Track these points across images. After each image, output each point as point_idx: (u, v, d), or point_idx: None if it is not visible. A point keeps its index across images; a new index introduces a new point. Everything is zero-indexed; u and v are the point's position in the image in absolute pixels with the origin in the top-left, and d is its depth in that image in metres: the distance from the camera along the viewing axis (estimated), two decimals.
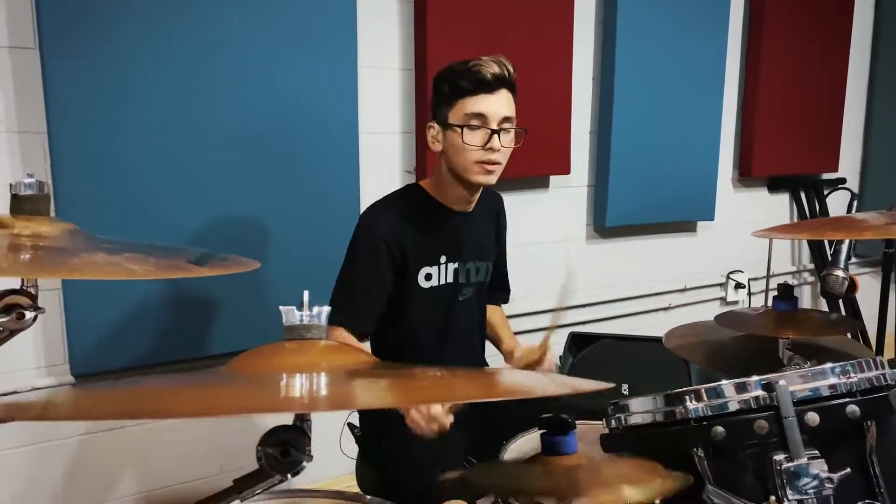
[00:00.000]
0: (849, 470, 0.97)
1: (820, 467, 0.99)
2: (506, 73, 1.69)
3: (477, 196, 1.86)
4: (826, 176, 3.87)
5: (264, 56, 2.22)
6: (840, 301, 3.56)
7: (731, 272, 3.54)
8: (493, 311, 2.11)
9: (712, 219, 3.36)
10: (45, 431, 2.13)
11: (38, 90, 1.96)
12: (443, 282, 1.82)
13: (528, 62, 2.70)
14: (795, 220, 3.72)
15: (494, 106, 1.68)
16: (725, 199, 3.46)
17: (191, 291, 2.20)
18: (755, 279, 3.50)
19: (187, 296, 2.20)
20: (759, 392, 1.06)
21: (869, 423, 1.06)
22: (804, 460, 1.00)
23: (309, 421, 0.84)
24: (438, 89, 1.74)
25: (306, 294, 0.87)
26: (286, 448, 0.80)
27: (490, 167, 1.72)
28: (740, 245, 3.47)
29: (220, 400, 0.60)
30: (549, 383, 0.82)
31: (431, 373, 0.71)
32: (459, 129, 1.69)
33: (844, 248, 1.84)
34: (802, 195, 3.74)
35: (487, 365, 2.11)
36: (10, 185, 0.94)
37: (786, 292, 1.61)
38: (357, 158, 2.45)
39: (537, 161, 2.83)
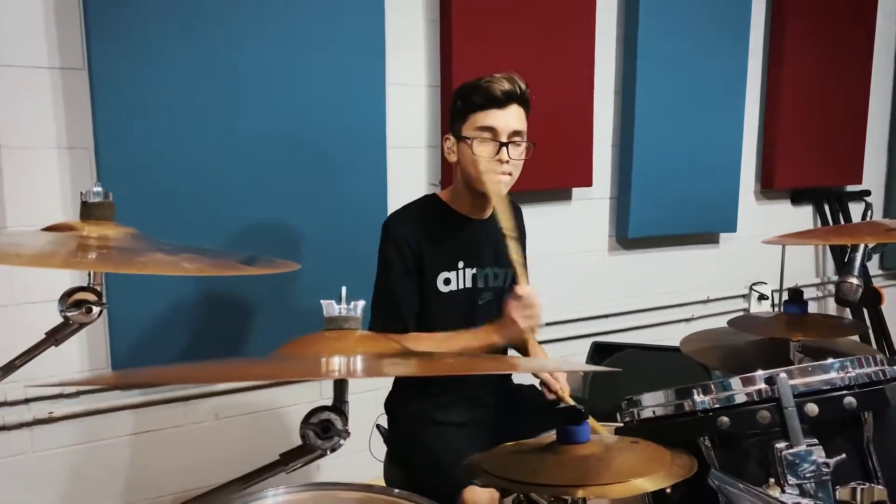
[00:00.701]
0: (844, 455, 1.06)
1: (818, 454, 1.08)
2: (517, 89, 1.80)
3: (489, 207, 1.95)
4: (850, 188, 3.92)
5: (299, 75, 2.36)
6: (866, 313, 3.61)
7: (755, 284, 3.60)
8: None
9: (735, 230, 3.43)
10: (90, 432, 2.26)
11: (86, 108, 2.11)
12: (461, 286, 1.92)
13: (550, 77, 2.83)
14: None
15: (504, 120, 1.79)
16: (748, 212, 3.53)
17: (228, 298, 2.33)
18: (777, 290, 3.55)
19: (225, 302, 2.33)
20: (763, 385, 1.16)
21: (866, 414, 1.15)
22: (803, 447, 1.08)
23: (346, 402, 0.94)
24: (454, 104, 1.87)
25: (344, 289, 0.98)
26: (326, 425, 0.91)
27: (499, 177, 1.82)
28: (764, 257, 3.53)
29: (274, 369, 0.71)
30: (554, 363, 0.92)
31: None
32: (470, 141, 1.80)
33: (858, 255, 1.91)
34: (826, 207, 3.79)
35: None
36: (81, 193, 1.07)
37: (795, 296, 1.69)
38: (385, 171, 2.57)
39: (560, 173, 2.94)
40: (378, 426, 2.10)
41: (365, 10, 2.46)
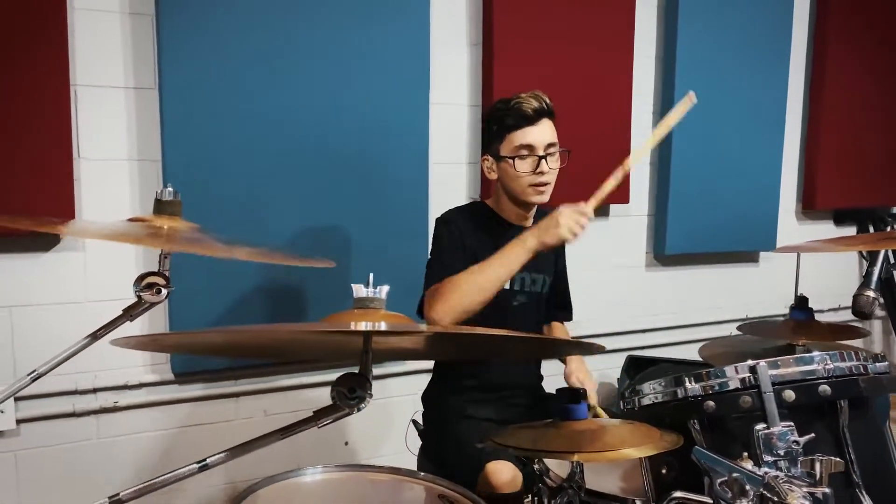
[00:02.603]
0: (813, 435, 1.20)
1: (792, 435, 1.22)
2: (544, 105, 2.01)
3: (533, 212, 2.15)
4: None
5: (351, 95, 2.60)
6: None
7: None
8: (556, 328, 2.37)
9: (774, 249, 3.52)
10: (149, 422, 2.51)
11: (155, 124, 2.38)
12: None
13: (589, 96, 3.01)
14: (864, 253, 3.81)
15: (538, 135, 2.01)
16: (789, 231, 3.63)
17: (280, 295, 2.55)
18: (820, 311, 3.61)
19: (275, 293, 2.54)
20: (746, 374, 1.31)
21: (842, 402, 1.29)
22: (779, 429, 1.23)
23: (371, 370, 1.13)
24: (488, 127, 2.08)
25: (371, 275, 1.18)
26: (353, 387, 1.10)
27: (541, 188, 2.04)
28: (805, 276, 3.60)
29: (312, 327, 0.91)
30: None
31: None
32: (511, 160, 2.01)
33: (876, 269, 2.03)
34: (871, 229, 3.85)
35: (541, 376, 2.35)
36: (157, 192, 1.31)
37: (801, 303, 1.83)
38: (427, 186, 2.79)
39: (596, 189, 3.08)
40: (413, 421, 2.29)
41: (412, 35, 2.70)
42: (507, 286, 2.11)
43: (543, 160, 2.01)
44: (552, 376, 2.32)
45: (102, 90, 2.34)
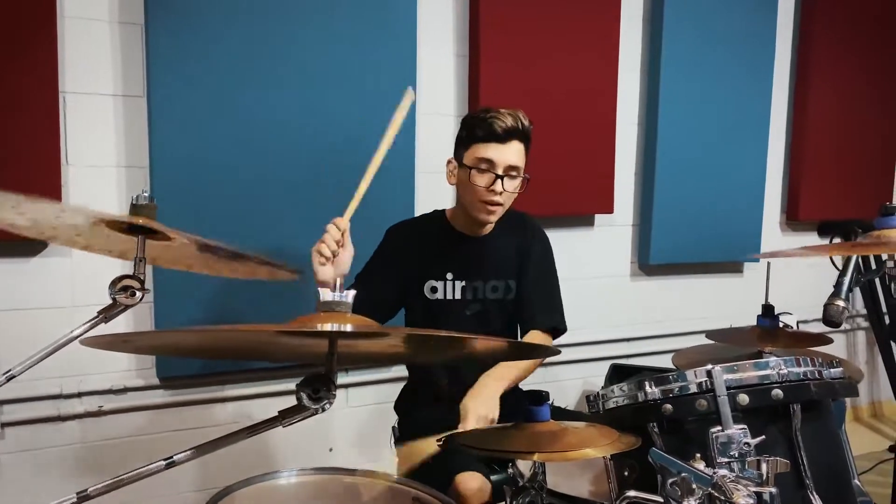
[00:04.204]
0: (763, 437, 1.25)
1: (746, 437, 1.27)
2: (519, 126, 1.99)
3: (487, 226, 2.13)
4: None
5: (338, 105, 2.67)
6: None
7: (780, 313, 3.71)
8: (534, 338, 2.29)
9: (758, 260, 3.58)
10: (134, 427, 2.55)
11: (143, 131, 2.44)
12: (449, 297, 2.14)
13: (573, 107, 3.07)
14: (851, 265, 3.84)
15: (502, 154, 1.98)
16: (773, 242, 3.68)
17: (262, 303, 2.59)
18: (804, 322, 3.66)
19: (259, 309, 2.59)
20: (703, 378, 1.36)
21: (794, 406, 1.34)
22: (733, 431, 1.28)
23: (335, 372, 1.18)
24: (459, 132, 2.09)
25: (339, 280, 1.23)
26: (317, 387, 1.15)
27: (492, 207, 2.03)
28: (789, 287, 3.64)
29: (279, 327, 0.97)
30: None
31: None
32: (469, 170, 2.01)
33: (846, 280, 2.07)
34: (857, 241, 3.89)
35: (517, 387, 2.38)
36: (132, 197, 1.36)
37: (767, 311, 1.89)
38: (413, 193, 2.85)
39: (581, 200, 3.16)
40: (394, 428, 2.33)
41: (399, 45, 2.77)
42: (459, 295, 2.14)
43: (500, 180, 1.98)
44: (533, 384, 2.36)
45: (91, 97, 2.40)
